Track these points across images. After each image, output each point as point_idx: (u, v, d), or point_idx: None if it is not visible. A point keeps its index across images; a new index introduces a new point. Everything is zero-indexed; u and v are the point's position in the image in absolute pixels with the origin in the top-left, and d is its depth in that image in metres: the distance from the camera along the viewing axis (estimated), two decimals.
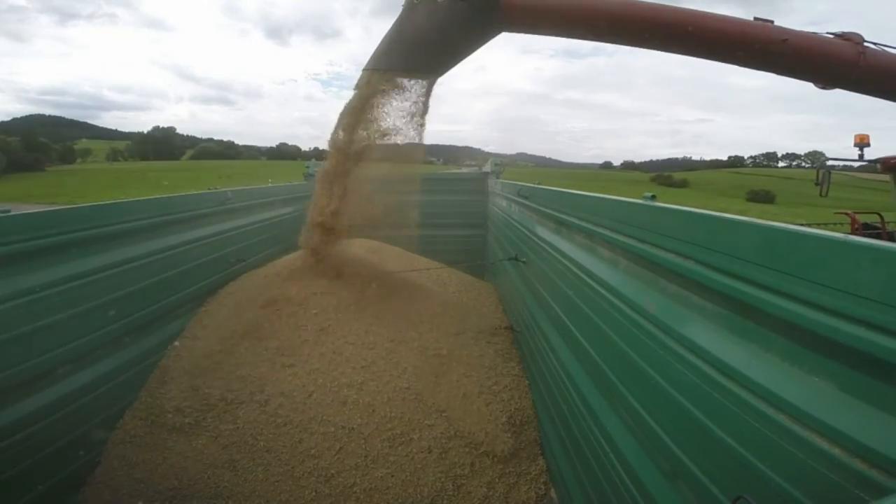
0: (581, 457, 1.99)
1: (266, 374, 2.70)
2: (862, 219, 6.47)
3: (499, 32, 2.43)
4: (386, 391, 2.63)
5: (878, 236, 5.86)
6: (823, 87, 2.56)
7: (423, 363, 2.86)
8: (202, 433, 2.46)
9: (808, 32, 2.40)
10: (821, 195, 5.34)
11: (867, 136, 5.12)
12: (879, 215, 6.54)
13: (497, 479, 2.43)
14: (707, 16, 2.32)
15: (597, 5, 2.25)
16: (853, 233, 5.82)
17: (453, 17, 2.27)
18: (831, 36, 2.41)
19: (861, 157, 5.22)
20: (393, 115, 3.11)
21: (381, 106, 3.06)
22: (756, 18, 2.38)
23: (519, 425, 2.72)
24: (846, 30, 2.45)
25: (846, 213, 6.66)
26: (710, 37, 2.31)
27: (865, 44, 2.40)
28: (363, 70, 2.80)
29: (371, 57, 2.73)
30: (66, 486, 2.25)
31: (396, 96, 3.04)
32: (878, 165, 5.71)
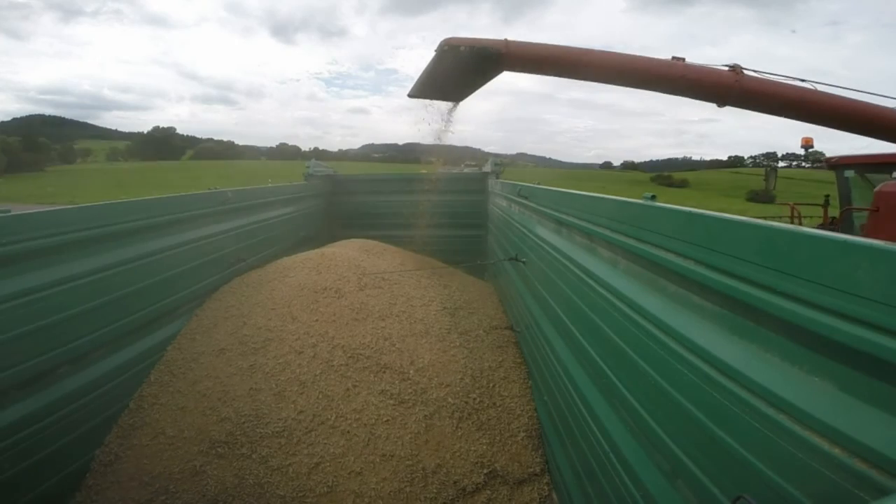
0: (581, 457, 1.99)
1: (265, 404, 2.58)
2: (804, 211, 6.77)
3: (501, 73, 3.35)
4: (402, 433, 2.51)
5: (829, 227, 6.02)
6: (720, 107, 3.25)
7: (437, 392, 2.75)
8: (200, 442, 2.44)
9: (700, 66, 3.16)
10: (767, 189, 6.34)
11: (811, 139, 6.00)
12: (823, 207, 6.64)
13: (500, 484, 2.43)
14: (635, 58, 3.16)
15: (563, 56, 3.14)
16: (792, 222, 6.18)
17: (470, 61, 3.08)
18: (724, 68, 3.13)
19: (806, 157, 6.15)
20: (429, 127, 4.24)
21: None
22: (674, 57, 3.17)
23: (532, 437, 2.71)
24: (859, 28, 2.86)
25: (788, 205, 6.85)
26: (637, 74, 3.18)
27: (745, 71, 3.09)
28: (408, 95, 3.90)
29: (413, 86, 3.78)
30: (66, 486, 2.25)
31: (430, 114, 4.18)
32: (825, 164, 6.19)
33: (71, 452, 2.26)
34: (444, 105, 4.21)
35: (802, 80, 3.15)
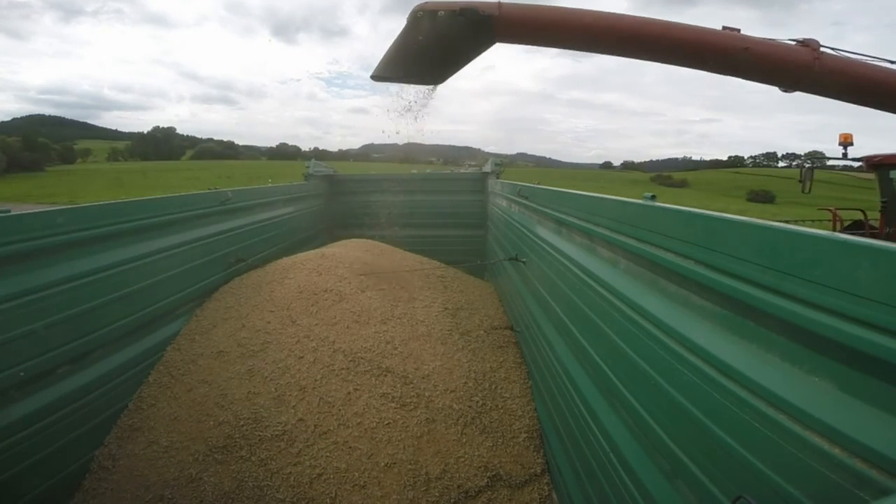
0: (581, 457, 1.99)
1: (264, 407, 2.55)
2: (845, 215, 6.55)
3: (491, 44, 2.67)
4: (401, 436, 2.48)
5: (861, 233, 5.91)
6: (786, 91, 2.72)
7: (443, 399, 2.72)
8: (196, 451, 2.41)
9: (768, 40, 2.57)
10: (803, 192, 5.72)
11: (851, 136, 5.40)
12: (862, 212, 6.56)
13: (502, 486, 2.43)
14: (679, 26, 2.51)
15: (577, 20, 2.48)
16: (834, 229, 5.93)
17: (452, 30, 2.48)
18: (793, 42, 2.58)
19: (845, 156, 5.53)
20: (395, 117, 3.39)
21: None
22: (724, 27, 2.56)
23: (533, 438, 2.70)
24: (861, 28, 2.55)
25: (829, 210, 6.70)
26: (682, 46, 2.52)
27: (822, 49, 2.55)
28: (370, 77, 3.03)
29: (378, 65, 2.95)
30: (65, 486, 2.25)
31: (400, 101, 3.34)
32: (863, 164, 5.92)
33: (70, 453, 2.25)
34: (416, 89, 3.35)
35: (892, 62, 2.65)
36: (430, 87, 3.26)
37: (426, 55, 2.75)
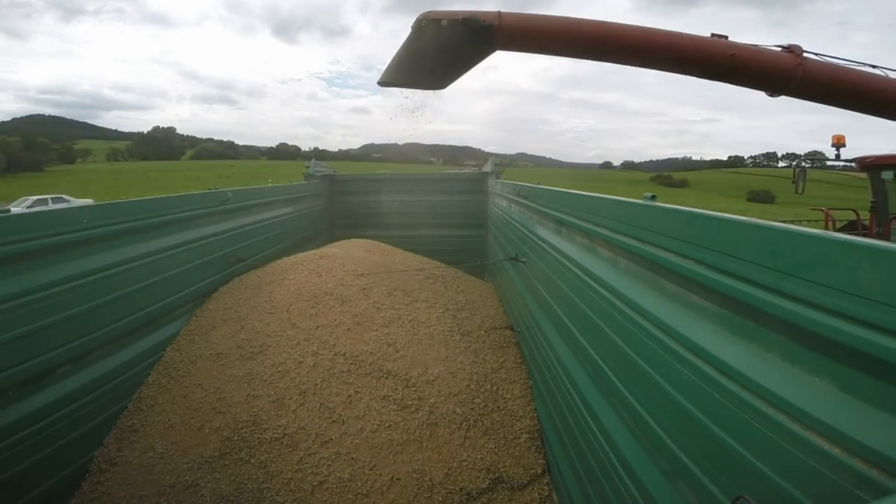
0: (581, 457, 1.99)
1: (263, 410, 2.54)
2: (837, 215, 6.59)
3: (492, 52, 2.78)
4: (403, 439, 2.47)
5: (854, 233, 5.92)
6: (772, 95, 2.78)
7: (447, 405, 2.70)
8: (192, 460, 2.39)
9: (753, 46, 2.65)
10: (796, 192, 5.83)
11: (843, 137, 5.52)
12: (855, 212, 6.59)
13: (503, 488, 2.42)
14: (672, 35, 2.61)
15: (572, 29, 2.58)
16: (827, 229, 5.97)
17: (454, 38, 2.58)
18: (778, 48, 2.66)
19: (838, 156, 5.62)
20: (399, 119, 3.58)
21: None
22: (713, 35, 2.65)
23: (534, 438, 2.69)
24: (864, 28, 2.60)
25: (821, 210, 6.74)
26: (673, 53, 2.63)
27: (805, 54, 2.64)
28: (377, 83, 3.21)
29: (384, 72, 3.10)
30: (65, 486, 2.24)
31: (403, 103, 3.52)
32: (855, 164, 5.97)
33: (69, 454, 2.25)
34: (419, 94, 3.47)
35: (873, 66, 2.71)
36: (434, 91, 3.37)
37: (430, 62, 2.86)
